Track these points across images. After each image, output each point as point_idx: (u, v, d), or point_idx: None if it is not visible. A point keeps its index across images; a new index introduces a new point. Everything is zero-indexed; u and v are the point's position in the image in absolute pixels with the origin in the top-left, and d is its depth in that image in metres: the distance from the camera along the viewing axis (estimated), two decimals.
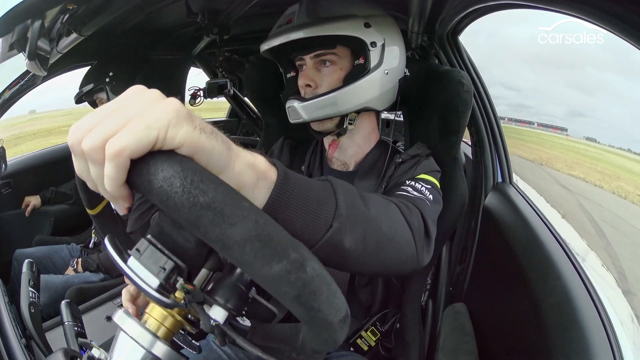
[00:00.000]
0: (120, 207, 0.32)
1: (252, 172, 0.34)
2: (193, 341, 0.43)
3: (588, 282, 0.68)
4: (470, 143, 1.17)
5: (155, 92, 0.30)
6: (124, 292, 0.55)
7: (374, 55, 0.74)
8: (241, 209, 0.26)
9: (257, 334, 0.36)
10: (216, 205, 0.25)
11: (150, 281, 0.29)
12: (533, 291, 0.73)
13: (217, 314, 0.33)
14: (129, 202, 0.29)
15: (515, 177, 1.10)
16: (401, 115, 0.82)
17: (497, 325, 0.87)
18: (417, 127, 0.89)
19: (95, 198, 0.39)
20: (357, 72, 0.74)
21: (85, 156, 0.28)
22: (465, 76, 0.82)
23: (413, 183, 0.71)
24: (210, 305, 0.33)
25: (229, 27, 1.24)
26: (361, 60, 0.74)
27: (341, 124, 0.78)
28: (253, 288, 0.37)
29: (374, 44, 0.73)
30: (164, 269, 0.29)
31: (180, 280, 0.31)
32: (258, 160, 0.35)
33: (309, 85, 0.76)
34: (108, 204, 0.41)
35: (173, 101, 0.29)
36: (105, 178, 0.27)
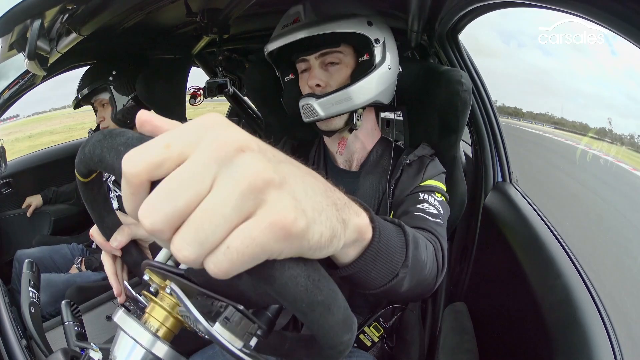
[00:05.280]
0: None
1: (353, 235, 0.33)
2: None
3: (588, 280, 0.68)
4: (470, 142, 1.17)
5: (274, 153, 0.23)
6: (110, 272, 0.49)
7: (377, 51, 0.76)
8: (338, 301, 0.29)
9: (272, 342, 0.36)
10: (327, 302, 0.27)
11: (237, 344, 0.31)
12: (533, 290, 0.73)
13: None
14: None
15: None
16: (400, 115, 0.82)
17: (497, 325, 0.87)
18: (417, 127, 0.89)
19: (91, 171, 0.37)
20: (363, 69, 0.76)
21: (155, 231, 0.20)
22: (465, 75, 0.82)
23: (426, 197, 0.72)
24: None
25: (228, 26, 1.23)
26: (366, 57, 0.76)
27: (350, 121, 0.79)
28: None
29: (377, 40, 0.75)
30: (252, 334, 0.32)
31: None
32: (362, 221, 0.34)
33: (318, 85, 0.76)
34: (100, 173, 0.38)
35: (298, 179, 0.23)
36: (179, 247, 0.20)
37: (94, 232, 0.47)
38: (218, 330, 0.29)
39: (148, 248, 0.51)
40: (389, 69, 0.78)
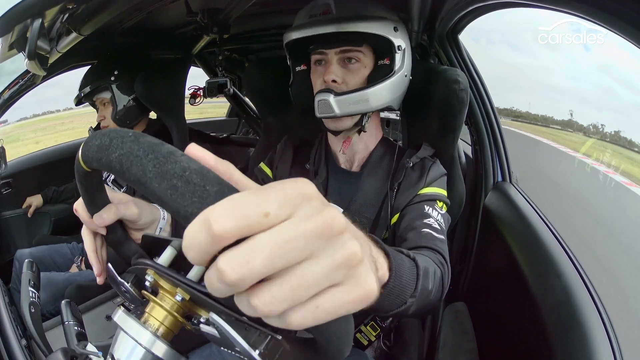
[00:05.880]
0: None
1: None
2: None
3: (588, 280, 0.68)
4: (470, 142, 1.17)
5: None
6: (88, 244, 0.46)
7: (398, 58, 0.76)
8: (352, 328, 0.31)
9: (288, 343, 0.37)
10: (347, 331, 0.30)
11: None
12: (533, 290, 0.73)
13: None
14: None
15: None
16: (399, 115, 0.82)
17: (497, 324, 0.87)
18: (415, 126, 0.89)
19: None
20: (382, 72, 0.76)
21: (234, 285, 0.20)
22: (462, 74, 0.82)
23: (430, 210, 0.74)
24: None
25: (228, 26, 1.23)
26: (386, 61, 0.76)
27: (359, 122, 0.78)
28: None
29: (399, 47, 0.75)
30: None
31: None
32: (383, 271, 0.41)
33: (334, 81, 0.75)
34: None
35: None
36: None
37: (78, 206, 0.43)
38: (261, 358, 0.30)
39: (136, 230, 0.48)
40: (405, 76, 0.78)
